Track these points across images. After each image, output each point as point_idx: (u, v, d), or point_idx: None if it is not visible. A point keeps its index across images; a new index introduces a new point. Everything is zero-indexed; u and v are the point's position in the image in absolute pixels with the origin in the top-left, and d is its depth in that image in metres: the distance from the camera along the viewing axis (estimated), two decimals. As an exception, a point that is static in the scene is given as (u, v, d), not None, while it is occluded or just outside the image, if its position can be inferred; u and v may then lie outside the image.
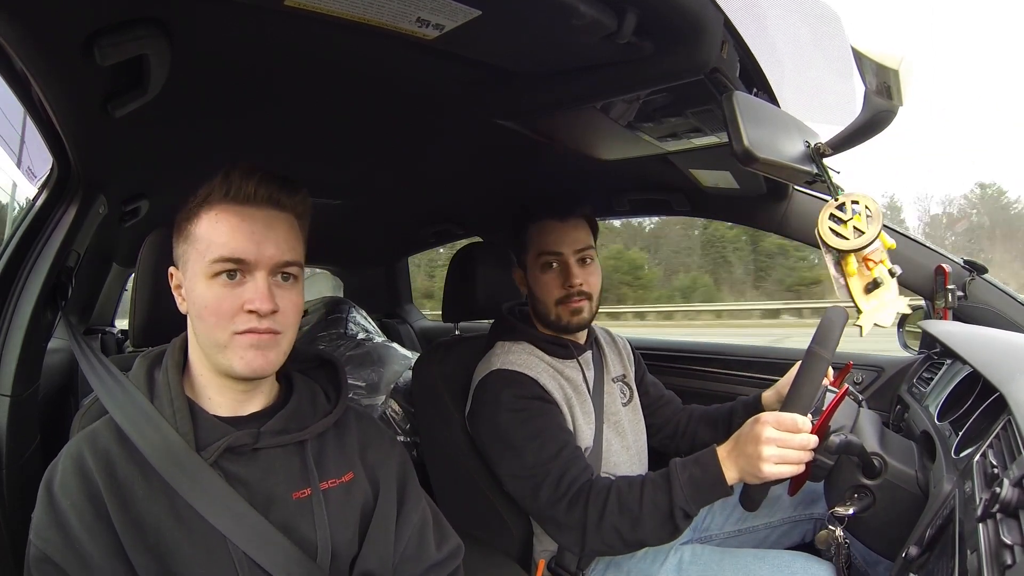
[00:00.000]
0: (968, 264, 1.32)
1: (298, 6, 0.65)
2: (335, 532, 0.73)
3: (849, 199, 0.83)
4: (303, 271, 0.75)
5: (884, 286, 0.84)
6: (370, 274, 2.80)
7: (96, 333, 2.38)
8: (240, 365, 0.69)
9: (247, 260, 0.68)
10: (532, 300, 1.20)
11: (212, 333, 0.69)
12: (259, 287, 0.69)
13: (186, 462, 0.67)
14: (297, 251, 0.73)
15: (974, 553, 0.54)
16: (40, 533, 0.63)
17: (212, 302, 0.68)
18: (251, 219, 0.70)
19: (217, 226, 0.69)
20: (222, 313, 0.68)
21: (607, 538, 0.95)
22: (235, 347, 0.69)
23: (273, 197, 0.71)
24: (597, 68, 0.87)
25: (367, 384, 1.62)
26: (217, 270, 0.68)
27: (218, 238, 0.69)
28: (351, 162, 1.41)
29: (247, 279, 0.69)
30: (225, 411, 0.74)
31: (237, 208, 0.70)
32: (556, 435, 1.04)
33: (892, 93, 0.67)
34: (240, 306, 0.68)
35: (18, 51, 0.64)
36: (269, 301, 0.68)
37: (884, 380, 1.46)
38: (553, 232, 1.14)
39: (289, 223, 0.73)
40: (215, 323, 0.68)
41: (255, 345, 0.69)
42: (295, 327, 0.74)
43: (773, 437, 0.84)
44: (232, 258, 0.68)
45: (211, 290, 0.68)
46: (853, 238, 0.82)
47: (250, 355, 0.69)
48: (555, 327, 1.17)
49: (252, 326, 0.68)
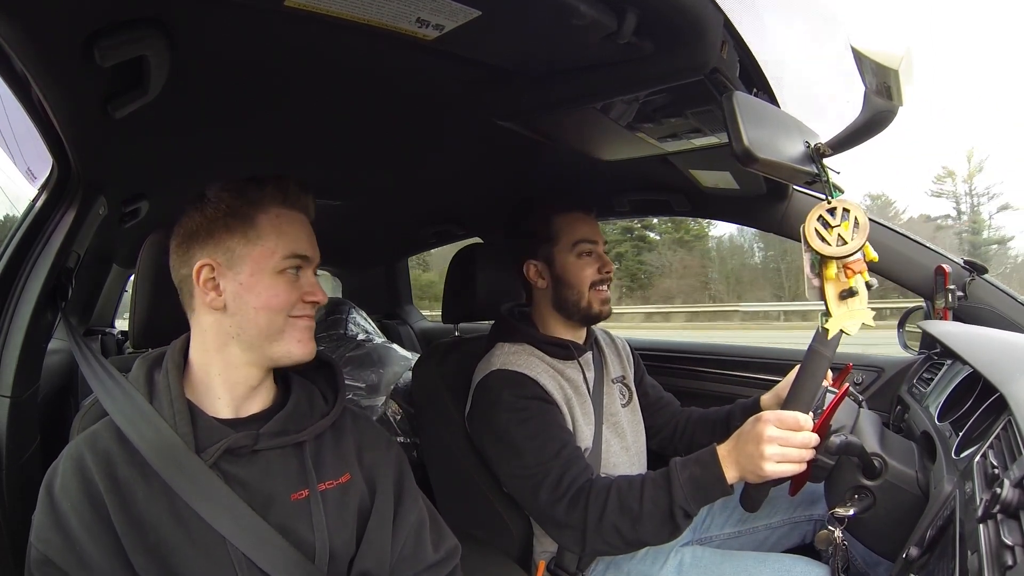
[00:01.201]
0: (968, 264, 1.32)
1: (298, 7, 0.65)
2: (332, 533, 0.73)
3: (842, 205, 0.83)
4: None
5: (858, 296, 0.84)
6: (370, 275, 2.81)
7: (96, 334, 2.39)
8: (298, 348, 0.76)
9: (310, 256, 0.78)
10: (559, 289, 1.19)
11: (274, 321, 0.74)
12: (312, 281, 0.78)
13: (185, 463, 0.67)
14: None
15: (975, 554, 0.54)
16: (41, 535, 0.63)
17: (282, 293, 0.74)
18: (302, 223, 0.79)
19: (282, 227, 0.76)
20: (286, 303, 0.75)
21: (607, 537, 0.95)
22: (292, 331, 0.75)
23: (308, 206, 0.81)
24: (597, 68, 0.87)
25: (367, 385, 1.62)
26: (287, 265, 0.75)
27: (285, 237, 0.75)
28: (351, 163, 1.41)
29: (300, 275, 0.77)
30: (224, 413, 0.74)
31: (291, 212, 0.78)
32: (556, 435, 1.04)
33: (892, 93, 0.67)
34: (299, 296, 0.76)
35: (18, 52, 0.64)
36: (320, 292, 0.78)
37: (884, 380, 1.46)
38: (585, 223, 1.21)
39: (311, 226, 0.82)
40: (276, 312, 0.74)
41: (309, 328, 0.78)
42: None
43: (775, 436, 0.84)
44: (301, 254, 0.76)
45: (278, 283, 0.74)
46: (835, 245, 0.83)
47: (306, 336, 0.77)
48: (580, 315, 1.19)
49: (306, 312, 0.77)
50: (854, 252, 0.82)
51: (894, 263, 1.35)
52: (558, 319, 1.21)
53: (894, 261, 1.35)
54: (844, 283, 0.85)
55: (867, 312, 0.85)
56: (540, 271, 1.20)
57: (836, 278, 0.85)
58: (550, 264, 1.19)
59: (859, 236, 0.81)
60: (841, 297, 0.85)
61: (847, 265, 0.84)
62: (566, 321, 1.21)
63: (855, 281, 0.84)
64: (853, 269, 0.84)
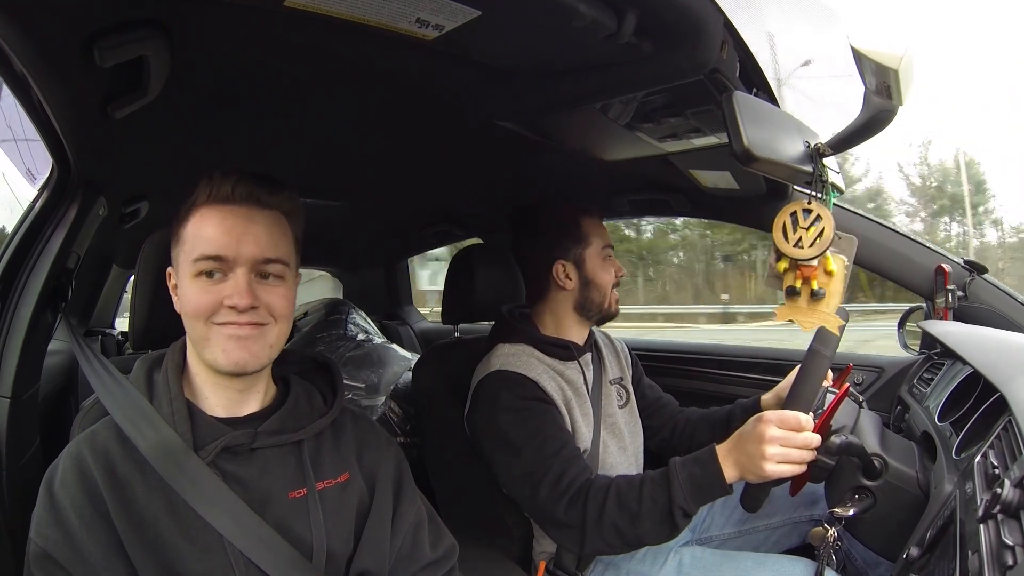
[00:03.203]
0: (968, 264, 1.32)
1: (298, 7, 0.65)
2: (330, 532, 0.73)
3: (817, 211, 0.83)
4: (291, 270, 0.75)
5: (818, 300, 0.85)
6: (370, 276, 2.81)
7: (96, 335, 2.38)
8: (222, 358, 0.69)
9: (226, 257, 0.69)
10: (585, 290, 1.21)
11: (196, 327, 0.70)
12: (238, 283, 0.69)
13: (184, 461, 0.67)
14: (281, 248, 0.73)
15: (975, 554, 0.54)
16: (40, 531, 0.63)
17: (194, 299, 0.69)
18: (232, 217, 0.70)
19: (200, 226, 0.71)
20: (202, 309, 0.69)
21: (607, 537, 0.94)
22: (216, 339, 0.69)
23: (253, 195, 0.72)
24: (597, 68, 0.87)
25: (367, 385, 1.62)
26: (199, 269, 0.69)
27: (200, 238, 0.70)
28: (351, 163, 1.41)
29: (228, 277, 0.70)
30: (222, 412, 0.74)
31: (218, 208, 0.71)
32: (555, 435, 1.04)
33: (892, 93, 0.67)
34: (220, 302, 0.69)
35: (18, 52, 0.64)
36: (247, 296, 0.69)
37: (884, 381, 1.46)
38: (603, 227, 1.26)
39: (273, 220, 0.73)
40: (194, 319, 0.70)
41: (235, 336, 0.69)
42: (286, 319, 0.74)
43: (777, 436, 0.84)
44: (211, 255, 0.69)
45: (193, 287, 0.70)
46: (791, 245, 0.83)
47: (231, 346, 0.69)
48: (601, 315, 1.23)
49: (231, 319, 0.69)
50: (806, 259, 0.83)
51: (894, 263, 1.35)
52: (575, 319, 1.22)
53: (894, 261, 1.35)
54: (790, 281, 0.86)
55: (830, 319, 0.86)
56: (568, 272, 1.21)
57: (785, 273, 0.87)
58: (580, 266, 1.21)
59: (816, 247, 0.82)
60: (787, 293, 0.87)
61: (799, 266, 0.85)
62: (584, 321, 1.23)
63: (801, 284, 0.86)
64: (803, 272, 0.85)
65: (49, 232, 0.97)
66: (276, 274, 0.73)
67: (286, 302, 0.74)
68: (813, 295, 0.85)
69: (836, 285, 0.86)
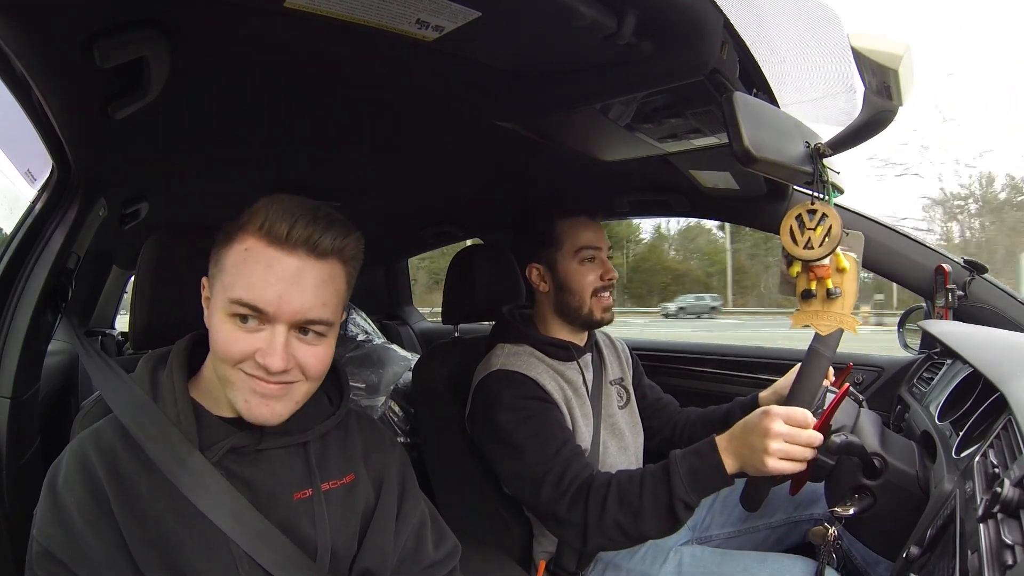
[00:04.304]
0: (968, 264, 1.33)
1: (298, 8, 0.65)
2: (335, 533, 0.73)
3: (823, 210, 0.83)
4: (334, 328, 0.69)
5: (834, 301, 0.85)
6: (370, 276, 2.80)
7: (96, 335, 2.38)
8: (244, 408, 0.66)
9: (266, 312, 0.63)
10: (560, 294, 1.18)
11: (221, 367, 0.67)
12: (275, 343, 0.63)
13: (189, 461, 0.67)
14: (328, 308, 0.67)
15: (975, 553, 0.54)
16: (43, 529, 0.63)
17: (223, 341, 0.65)
18: (280, 265, 0.63)
19: (243, 263, 0.64)
20: (231, 355, 0.64)
21: (609, 532, 0.94)
22: (241, 386, 0.66)
23: (311, 241, 0.64)
24: (597, 69, 0.87)
25: (367, 385, 1.62)
26: (234, 311, 0.64)
27: (241, 276, 0.64)
28: (351, 163, 1.41)
29: (265, 328, 0.64)
30: (229, 412, 0.73)
31: (268, 248, 0.64)
32: (556, 433, 1.05)
33: (892, 93, 0.67)
34: (251, 353, 0.64)
35: (18, 52, 0.64)
36: (283, 359, 0.63)
37: (884, 380, 1.46)
38: (589, 228, 1.19)
39: (326, 275, 0.66)
40: (219, 359, 0.66)
41: (260, 393, 0.65)
42: (318, 379, 0.70)
43: (782, 431, 0.83)
44: (250, 304, 0.63)
45: (224, 327, 0.64)
46: (801, 247, 0.83)
47: (254, 401, 0.66)
48: (581, 321, 1.18)
49: (259, 375, 0.64)
50: (818, 259, 0.83)
51: (894, 263, 1.35)
52: (559, 323, 1.21)
53: (894, 261, 1.35)
54: (805, 284, 0.87)
55: (847, 319, 0.86)
56: (542, 275, 1.20)
57: (798, 277, 0.87)
58: (552, 269, 1.19)
59: (826, 246, 0.82)
60: (802, 297, 0.87)
61: (812, 268, 0.85)
62: (568, 325, 1.21)
63: (816, 286, 0.86)
64: (816, 273, 0.85)
65: (49, 232, 0.97)
66: (318, 332, 0.67)
67: (322, 364, 0.68)
68: (829, 295, 0.85)
69: (850, 283, 0.86)
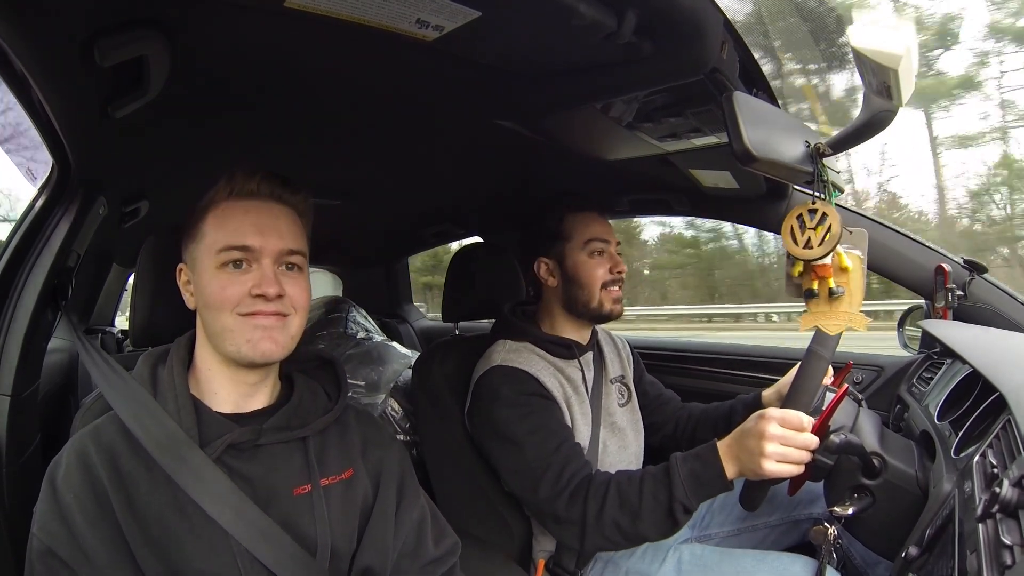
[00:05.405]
0: (968, 264, 1.32)
1: (298, 7, 0.65)
2: (334, 528, 0.74)
3: (822, 209, 0.83)
4: (307, 263, 0.78)
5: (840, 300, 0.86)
6: (370, 274, 2.81)
7: (96, 333, 2.39)
8: (247, 348, 0.71)
9: (253, 247, 0.72)
10: (569, 288, 1.18)
11: (219, 319, 0.71)
12: (266, 273, 0.72)
13: (189, 457, 0.68)
14: (300, 242, 0.76)
15: (973, 553, 0.54)
16: (43, 526, 0.63)
17: (219, 289, 0.71)
18: (255, 211, 0.74)
19: (223, 219, 0.73)
20: (228, 299, 0.71)
21: (607, 533, 0.94)
22: (242, 329, 0.71)
23: (275, 192, 0.76)
24: (597, 68, 0.87)
25: (367, 383, 1.62)
26: (224, 259, 0.71)
27: (225, 229, 0.72)
28: (351, 163, 1.41)
29: (253, 267, 0.72)
30: (229, 407, 0.74)
31: (241, 203, 0.74)
32: (556, 430, 1.05)
33: (892, 93, 0.67)
34: (247, 291, 0.71)
35: (18, 52, 0.64)
36: (275, 285, 0.71)
37: (884, 380, 1.46)
38: (598, 222, 1.21)
39: (292, 216, 0.77)
40: (218, 310, 0.71)
41: (262, 326, 0.71)
42: (304, 311, 0.77)
43: (777, 434, 0.84)
44: (238, 246, 0.71)
45: (218, 278, 0.71)
46: (801, 247, 0.84)
47: (257, 336, 0.71)
48: (590, 314, 1.19)
49: (258, 308, 0.71)
50: (818, 258, 0.83)
51: (894, 262, 1.35)
52: (567, 318, 1.21)
53: (894, 261, 1.35)
54: (808, 284, 0.87)
55: (857, 318, 0.86)
56: (551, 269, 1.21)
57: (801, 277, 0.87)
58: (561, 262, 1.19)
59: (826, 244, 0.82)
60: (806, 297, 0.87)
61: (813, 268, 0.85)
62: (575, 320, 1.21)
63: (818, 285, 0.86)
64: (818, 273, 0.85)
65: (49, 231, 0.97)
66: (298, 265, 0.76)
67: (305, 293, 0.77)
68: (831, 294, 0.86)
69: (855, 282, 0.86)
